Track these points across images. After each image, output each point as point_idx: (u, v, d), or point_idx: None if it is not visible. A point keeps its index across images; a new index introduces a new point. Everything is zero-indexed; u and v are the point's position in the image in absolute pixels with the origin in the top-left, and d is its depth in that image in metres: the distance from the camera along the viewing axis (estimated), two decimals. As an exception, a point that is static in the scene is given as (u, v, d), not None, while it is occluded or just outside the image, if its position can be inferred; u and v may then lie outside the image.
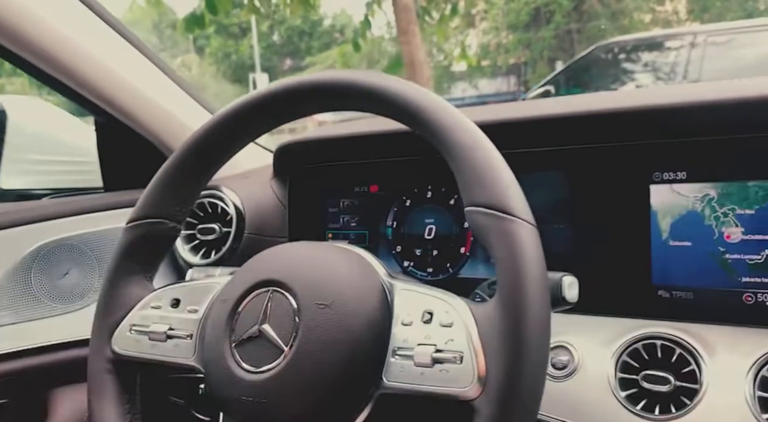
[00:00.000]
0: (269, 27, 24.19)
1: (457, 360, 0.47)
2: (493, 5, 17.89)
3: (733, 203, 0.68)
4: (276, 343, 0.52)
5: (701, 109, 0.67)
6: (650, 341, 0.67)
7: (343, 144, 0.88)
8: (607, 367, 0.67)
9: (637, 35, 6.95)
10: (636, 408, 0.64)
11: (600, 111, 0.73)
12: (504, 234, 0.47)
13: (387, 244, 0.89)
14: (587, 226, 0.76)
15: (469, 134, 0.51)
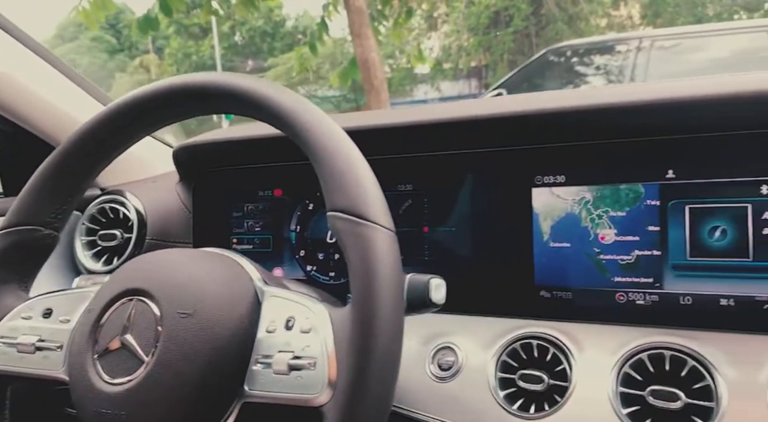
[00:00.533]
0: (230, 28, 23.90)
1: (311, 366, 0.48)
2: (454, 8, 18.06)
3: (606, 206, 0.70)
4: (137, 354, 0.51)
5: (577, 115, 0.69)
6: (527, 340, 0.69)
7: (246, 147, 0.87)
8: (488, 367, 0.69)
9: (588, 39, 7.11)
10: (513, 407, 0.66)
11: (485, 116, 0.74)
12: (358, 239, 0.48)
13: (291, 249, 0.89)
14: (474, 229, 0.77)
15: (332, 137, 0.52)
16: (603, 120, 0.69)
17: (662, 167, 0.67)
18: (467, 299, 0.77)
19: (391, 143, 0.80)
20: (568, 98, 0.69)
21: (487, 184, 0.77)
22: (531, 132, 0.73)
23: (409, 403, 0.70)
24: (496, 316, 0.73)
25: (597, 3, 16.60)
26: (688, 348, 0.61)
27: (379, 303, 0.46)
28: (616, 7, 17.24)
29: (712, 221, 0.64)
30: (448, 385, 0.70)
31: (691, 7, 16.16)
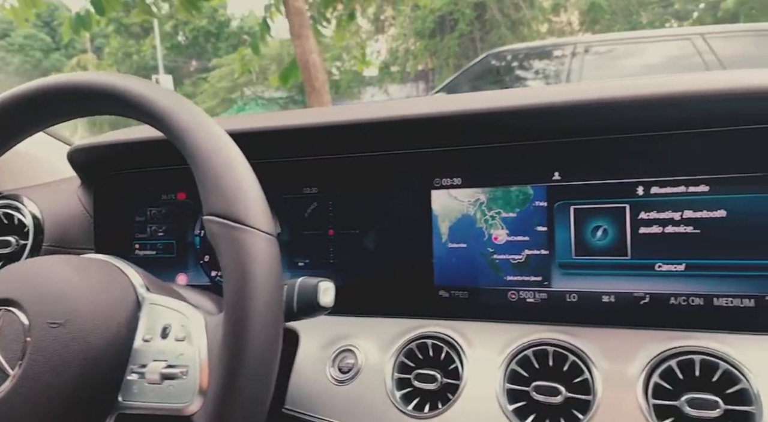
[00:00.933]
0: (173, 27, 23.33)
1: (183, 374, 0.47)
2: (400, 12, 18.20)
3: (499, 207, 0.72)
4: (1, 366, 0.49)
5: (470, 118, 0.71)
6: (423, 340, 0.69)
7: (147, 148, 0.85)
8: (386, 368, 0.70)
9: (527, 44, 7.28)
10: (408, 407, 0.66)
11: (386, 119, 0.75)
12: (233, 244, 0.46)
13: (195, 254, 0.87)
14: (377, 231, 0.78)
15: (209, 138, 0.51)
16: (495, 123, 0.70)
17: (549, 170, 0.69)
18: (370, 301, 0.77)
19: (296, 145, 0.80)
20: (464, 102, 0.70)
21: (389, 186, 0.77)
22: (429, 135, 0.74)
23: (309, 407, 0.70)
24: (398, 317, 0.74)
25: (538, 9, 17.06)
26: (570, 344, 0.63)
27: (251, 309, 0.45)
28: (556, 14, 17.77)
29: (594, 220, 0.67)
30: (348, 388, 0.70)
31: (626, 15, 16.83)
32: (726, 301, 0.61)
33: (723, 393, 0.55)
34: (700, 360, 0.57)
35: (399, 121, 0.73)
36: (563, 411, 0.61)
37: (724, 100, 0.58)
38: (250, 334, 0.45)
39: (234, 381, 0.44)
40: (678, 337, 0.60)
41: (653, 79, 0.62)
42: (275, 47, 20.02)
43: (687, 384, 0.57)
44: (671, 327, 0.62)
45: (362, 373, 0.70)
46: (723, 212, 0.61)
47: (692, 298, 0.62)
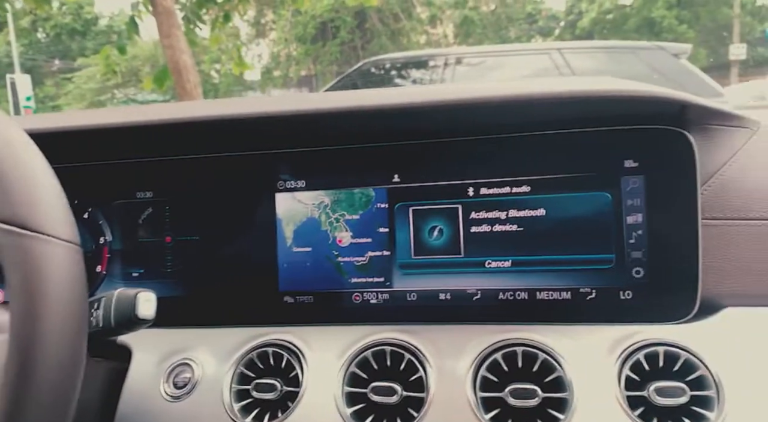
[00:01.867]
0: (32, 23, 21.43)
1: None
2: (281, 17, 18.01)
3: (343, 209, 0.72)
4: None
5: (311, 118, 0.70)
6: (263, 349, 0.67)
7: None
8: (225, 380, 0.67)
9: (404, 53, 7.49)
10: (247, 419, 0.64)
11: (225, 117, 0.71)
12: (21, 253, 0.41)
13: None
14: (219, 236, 0.75)
15: None
16: (336, 125, 0.70)
17: (389, 172, 0.70)
18: (212, 311, 0.74)
19: (128, 145, 0.75)
20: (305, 102, 0.69)
21: (231, 189, 0.75)
22: (271, 136, 0.72)
23: (141, 426, 0.65)
24: (242, 326, 0.71)
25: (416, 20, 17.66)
26: (407, 343, 0.64)
27: (42, 330, 0.40)
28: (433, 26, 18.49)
29: (431, 221, 0.69)
30: (183, 403, 0.66)
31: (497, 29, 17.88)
32: (547, 294, 0.65)
33: (542, 382, 0.58)
34: (522, 352, 0.60)
35: (239, 120, 0.70)
36: (399, 410, 0.61)
37: (539, 105, 0.62)
38: (37, 363, 0.39)
39: (18, 415, 0.39)
40: (504, 331, 0.63)
41: (479, 86, 0.65)
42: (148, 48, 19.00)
43: (512, 376, 0.60)
44: (500, 321, 0.65)
45: (199, 387, 0.67)
46: (543, 210, 0.65)
47: (518, 292, 0.66)
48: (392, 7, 16.81)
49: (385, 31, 17.54)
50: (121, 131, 0.69)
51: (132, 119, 0.69)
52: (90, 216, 0.77)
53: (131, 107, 0.78)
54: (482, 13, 17.77)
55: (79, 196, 0.77)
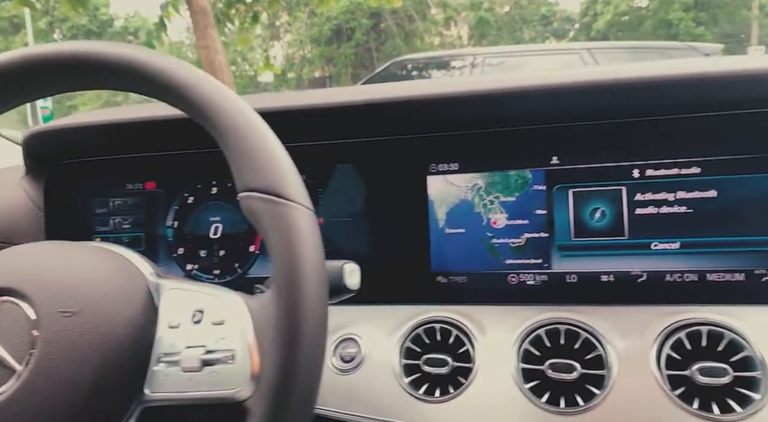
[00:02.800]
0: (48, 24, 21.64)
1: (228, 359, 0.44)
2: (297, 18, 18.09)
3: (497, 191, 0.73)
4: (6, 363, 0.43)
5: (467, 101, 0.71)
6: (430, 325, 0.69)
7: (112, 133, 0.78)
8: (392, 355, 0.68)
9: (428, 53, 7.51)
10: (419, 392, 0.66)
11: (379, 100, 0.73)
12: (279, 219, 0.44)
13: (167, 246, 0.81)
14: (371, 217, 0.77)
15: (242, 115, 0.47)
16: (492, 107, 0.71)
17: (547, 154, 0.72)
18: (366, 289, 0.75)
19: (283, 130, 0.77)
20: (462, 85, 0.70)
21: (382, 173, 0.76)
22: (426, 120, 0.74)
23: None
24: (395, 304, 0.73)
25: (431, 22, 17.68)
26: (580, 322, 0.65)
27: (304, 288, 0.42)
28: (447, 27, 18.50)
29: (593, 203, 0.70)
30: (352, 377, 0.68)
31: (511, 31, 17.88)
32: (718, 276, 0.66)
33: (729, 361, 0.59)
34: (707, 331, 0.61)
35: (394, 103, 0.72)
36: (578, 387, 0.62)
37: (713, 85, 0.63)
38: (305, 315, 0.42)
39: (291, 362, 0.41)
40: (679, 312, 0.64)
41: (644, 65, 0.66)
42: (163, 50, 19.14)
43: (696, 355, 0.61)
44: (668, 303, 0.66)
45: (366, 361, 0.69)
46: (714, 192, 0.66)
47: (687, 274, 0.67)
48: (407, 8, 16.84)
49: (400, 33, 17.57)
50: (305, 114, 0.71)
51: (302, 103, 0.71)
52: (242, 198, 0.79)
53: (293, 93, 0.80)
54: (497, 14, 17.78)
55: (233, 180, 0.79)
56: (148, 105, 0.83)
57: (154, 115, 0.78)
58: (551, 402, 0.62)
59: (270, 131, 0.48)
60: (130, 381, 0.45)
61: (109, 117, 0.77)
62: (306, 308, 0.42)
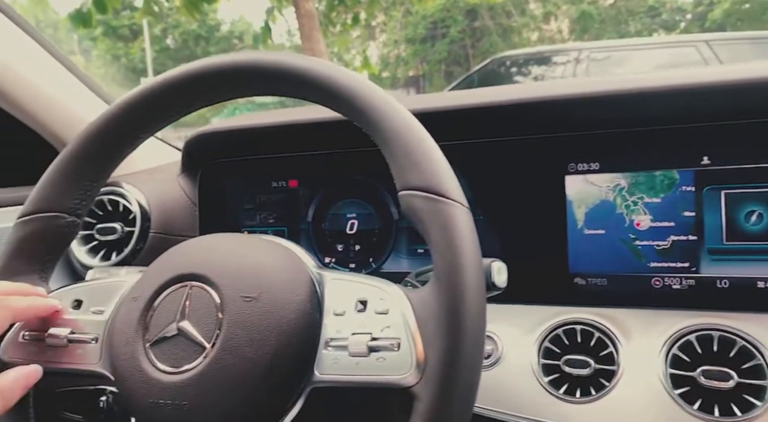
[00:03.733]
0: (162, 30, 23.22)
1: (394, 347, 0.46)
2: (392, 18, 18.27)
3: (641, 192, 0.71)
4: (197, 341, 0.48)
5: (614, 101, 0.70)
6: (570, 326, 0.69)
7: (260, 135, 0.84)
8: (530, 354, 0.69)
9: (528, 50, 7.35)
10: (559, 392, 0.65)
11: (517, 101, 0.74)
12: (439, 216, 0.46)
13: (307, 240, 0.86)
14: (508, 217, 0.77)
15: (401, 117, 0.50)
16: (638, 107, 0.70)
17: (697, 154, 0.69)
18: (503, 289, 0.76)
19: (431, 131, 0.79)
20: (607, 84, 0.70)
21: (520, 172, 0.77)
22: (567, 119, 0.73)
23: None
24: (531, 304, 0.73)
25: (529, 17, 17.25)
26: (736, 329, 0.62)
27: (465, 281, 0.44)
28: (546, 22, 17.97)
29: (748, 205, 0.67)
30: (490, 373, 0.69)
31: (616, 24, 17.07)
32: None
33: None
34: None
35: (536, 103, 0.72)
36: (733, 397, 0.60)
37: None
38: (466, 307, 0.44)
39: (456, 353, 0.43)
40: None
41: None
42: (266, 51, 19.90)
43: None
44: (835, 311, 0.62)
45: (504, 359, 0.70)
46: None
47: None
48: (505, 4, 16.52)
49: (496, 29, 17.29)
50: (452, 115, 0.73)
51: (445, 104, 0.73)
52: (379, 196, 0.82)
53: (431, 94, 0.82)
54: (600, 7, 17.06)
55: (370, 177, 0.83)
56: (292, 109, 0.89)
57: (298, 119, 0.83)
58: (703, 409, 0.60)
59: (426, 132, 0.50)
60: (301, 363, 0.48)
61: (258, 121, 0.83)
62: (468, 299, 0.44)
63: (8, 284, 0.53)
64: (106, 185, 0.88)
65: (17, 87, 0.83)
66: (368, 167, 0.83)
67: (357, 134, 0.81)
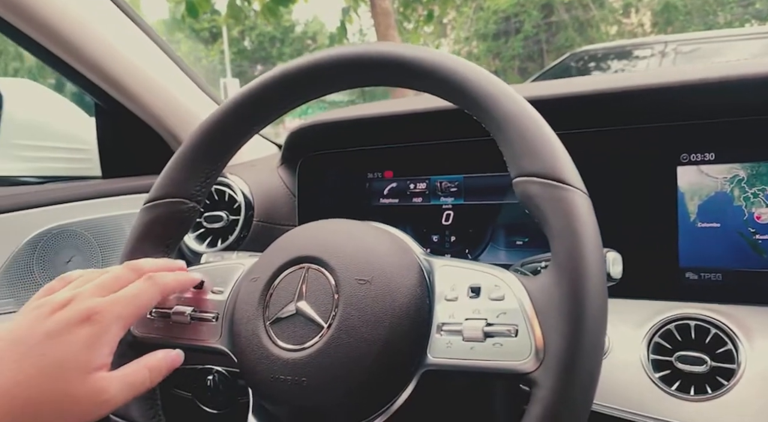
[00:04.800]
0: (240, 33, 24.03)
1: (511, 333, 0.46)
2: (463, 14, 18.10)
3: (763, 184, 0.67)
4: (314, 320, 0.50)
5: (732, 87, 0.67)
6: (683, 322, 0.66)
7: (358, 127, 0.85)
8: (639, 349, 0.66)
9: (607, 44, 7.08)
10: (671, 388, 0.63)
11: (626, 89, 0.71)
12: (559, 203, 0.45)
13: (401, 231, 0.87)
14: (615, 209, 0.75)
15: (516, 103, 0.50)
16: (759, 93, 0.66)
17: (829, 143, 0.65)
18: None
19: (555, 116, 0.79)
20: (718, 70, 0.66)
21: (629, 162, 0.74)
22: (680, 108, 0.70)
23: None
24: (639, 299, 0.71)
25: (608, 10, 16.64)
26: None
27: (588, 268, 0.43)
28: (627, 15, 17.27)
29: None
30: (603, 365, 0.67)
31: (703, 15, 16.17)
32: None
33: None
34: None
35: (647, 91, 0.70)
36: None
37: None
38: (588, 294, 0.43)
39: (577, 339, 0.42)
40: None
41: None
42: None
43: None
44: None
45: (612, 353, 0.68)
46: None
47: None
48: (581, -3, 16.03)
49: (572, 23, 16.77)
50: (565, 102, 0.72)
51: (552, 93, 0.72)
52: (475, 187, 0.82)
53: (534, 83, 0.81)
54: (685, -2, 16.22)
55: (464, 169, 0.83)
56: (386, 102, 0.90)
57: (394, 111, 0.84)
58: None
59: (541, 117, 0.49)
60: (414, 346, 0.49)
61: (357, 113, 0.84)
62: (590, 287, 0.43)
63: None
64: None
65: (141, 87, 0.89)
66: (465, 158, 0.82)
67: (452, 125, 0.81)
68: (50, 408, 0.43)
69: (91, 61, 0.81)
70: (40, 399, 0.43)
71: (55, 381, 0.44)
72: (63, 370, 0.44)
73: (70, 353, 0.45)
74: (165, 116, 0.92)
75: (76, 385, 0.44)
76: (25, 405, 0.42)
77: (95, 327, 0.46)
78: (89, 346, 0.45)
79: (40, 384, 0.43)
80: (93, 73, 0.82)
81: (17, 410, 0.42)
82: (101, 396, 0.46)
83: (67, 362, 0.44)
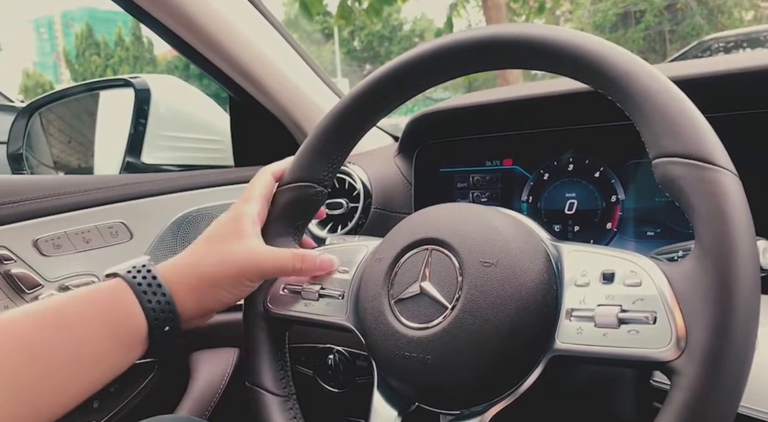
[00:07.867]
0: (350, 33, 24.68)
1: (649, 320, 0.44)
2: (579, 5, 17.39)
3: None
4: (438, 300, 0.51)
5: None
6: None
7: (476, 115, 0.85)
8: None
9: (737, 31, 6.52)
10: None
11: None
12: (705, 184, 0.42)
13: (523, 218, 0.86)
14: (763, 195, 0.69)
15: (657, 80, 0.47)
16: None
17: None
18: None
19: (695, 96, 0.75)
20: None
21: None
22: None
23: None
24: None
25: (743, -6, 15.27)
26: None
27: (739, 253, 0.41)
28: (764, -2, 15.76)
29: None
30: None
31: None
32: None
33: None
34: None
35: None
36: None
37: None
38: (739, 281, 0.40)
39: (726, 328, 0.40)
40: None
41: None
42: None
43: None
44: None
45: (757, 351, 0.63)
46: None
47: None
48: (711, -19, 14.83)
49: (700, 10, 15.56)
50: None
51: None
52: (601, 175, 0.79)
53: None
54: (836, -25, 14.52)
55: (591, 155, 0.80)
56: (506, 88, 0.89)
57: (514, 96, 0.83)
58: None
59: (686, 97, 0.47)
60: (541, 330, 0.48)
61: (476, 100, 0.84)
62: (741, 274, 0.40)
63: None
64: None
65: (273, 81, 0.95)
66: (589, 144, 0.80)
67: (575, 111, 0.79)
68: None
69: (230, 56, 0.88)
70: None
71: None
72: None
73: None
74: (292, 108, 0.98)
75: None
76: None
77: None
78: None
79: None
80: (230, 67, 0.89)
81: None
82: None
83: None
